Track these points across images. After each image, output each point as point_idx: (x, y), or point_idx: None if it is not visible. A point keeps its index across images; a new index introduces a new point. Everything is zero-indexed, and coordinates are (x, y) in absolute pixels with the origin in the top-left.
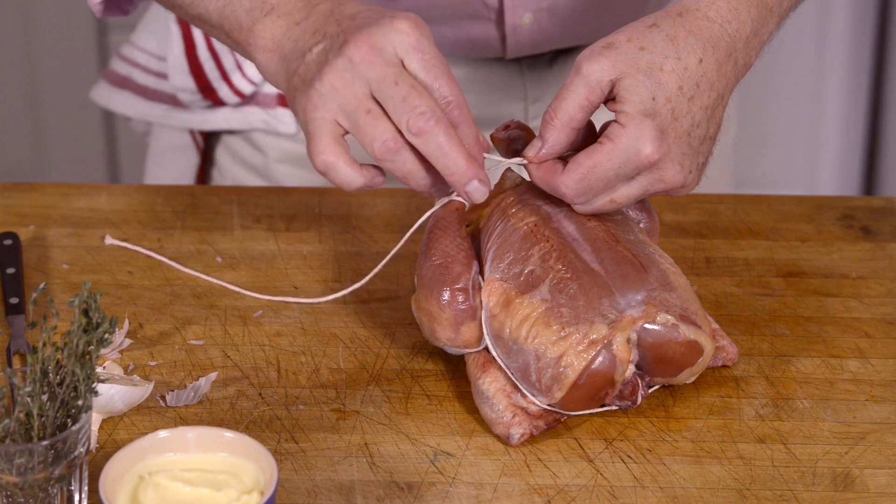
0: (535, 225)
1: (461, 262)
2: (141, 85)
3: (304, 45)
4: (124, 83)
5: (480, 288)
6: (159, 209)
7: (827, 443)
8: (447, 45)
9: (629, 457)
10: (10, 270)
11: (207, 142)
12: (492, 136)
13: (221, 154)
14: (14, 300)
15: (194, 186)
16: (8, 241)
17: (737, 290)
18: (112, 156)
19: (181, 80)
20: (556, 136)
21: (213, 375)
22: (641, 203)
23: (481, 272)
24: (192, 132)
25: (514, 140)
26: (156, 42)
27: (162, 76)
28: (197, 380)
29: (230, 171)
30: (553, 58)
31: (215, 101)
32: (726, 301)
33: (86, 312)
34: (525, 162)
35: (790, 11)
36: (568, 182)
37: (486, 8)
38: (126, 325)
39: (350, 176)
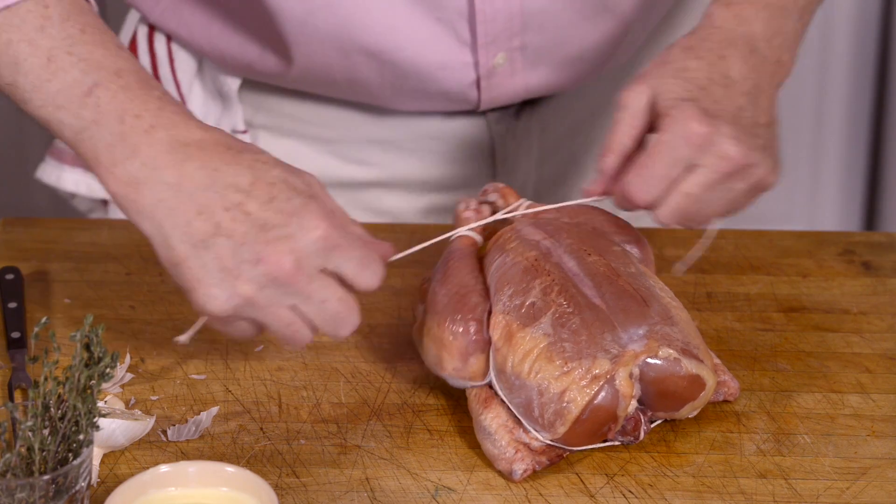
0: (536, 259)
1: (479, 293)
2: None
3: None
4: (75, 160)
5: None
6: None
7: (828, 478)
8: (420, 100)
9: (630, 492)
10: (12, 305)
11: None
12: (477, 203)
13: None
14: (16, 334)
15: None
16: (10, 276)
17: (738, 325)
18: None
19: None
20: (612, 163)
21: (214, 410)
22: (632, 232)
23: None
24: None
25: (496, 202)
26: None
27: None
28: (198, 414)
29: None
30: (518, 109)
31: None
32: (727, 336)
33: (87, 347)
34: (596, 198)
35: (814, 5)
36: (632, 180)
37: (460, 44)
38: (127, 359)
39: None
